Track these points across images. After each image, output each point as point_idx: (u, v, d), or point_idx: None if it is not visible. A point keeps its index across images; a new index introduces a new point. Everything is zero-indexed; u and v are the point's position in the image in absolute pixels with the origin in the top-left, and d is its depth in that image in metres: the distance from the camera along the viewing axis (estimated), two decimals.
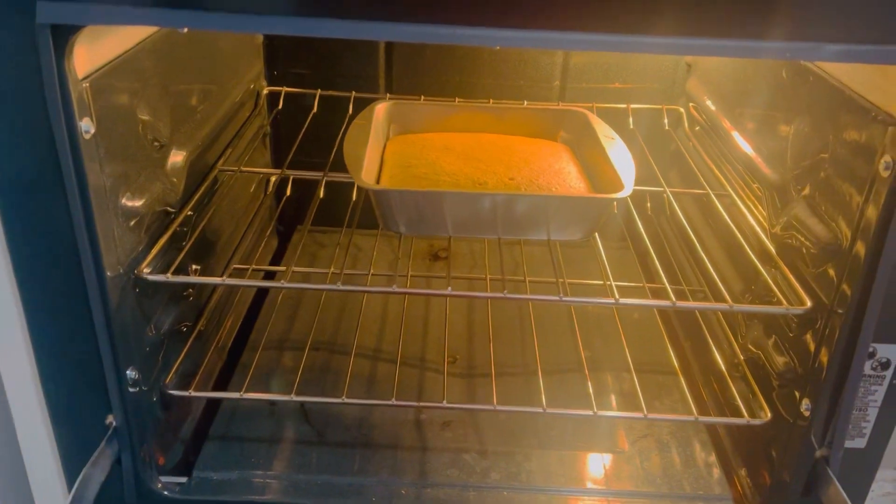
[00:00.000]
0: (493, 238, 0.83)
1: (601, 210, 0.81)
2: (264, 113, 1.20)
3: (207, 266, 0.95)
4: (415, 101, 1.04)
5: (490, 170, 0.86)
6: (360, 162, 0.81)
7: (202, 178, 0.92)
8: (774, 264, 0.80)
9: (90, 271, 0.66)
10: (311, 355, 1.00)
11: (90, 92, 0.62)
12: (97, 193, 0.64)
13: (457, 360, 1.04)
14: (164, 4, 0.56)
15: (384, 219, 0.81)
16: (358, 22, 0.56)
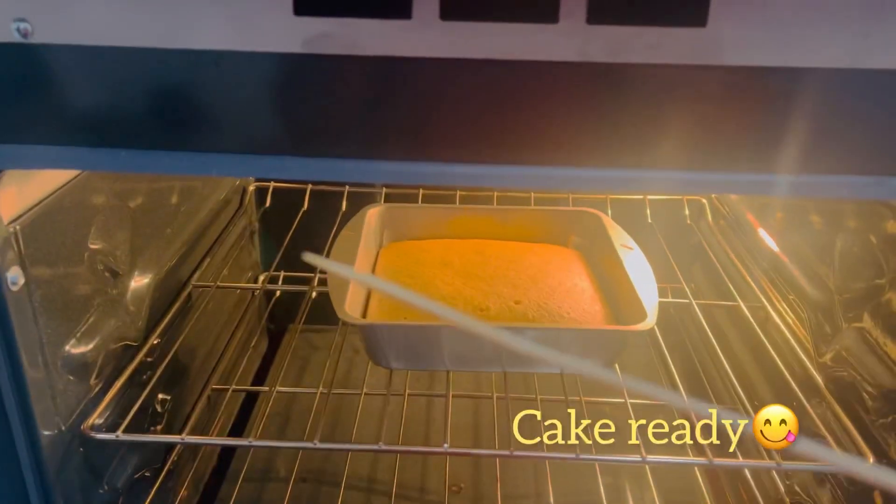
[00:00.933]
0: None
1: (620, 343, 0.71)
2: (252, 210, 1.11)
3: (182, 392, 0.85)
4: (410, 206, 0.95)
5: (493, 291, 0.76)
6: (345, 288, 0.72)
7: (173, 298, 0.83)
8: (824, 400, 0.69)
9: (21, 439, 0.56)
10: (297, 489, 0.90)
11: (20, 236, 0.53)
12: (29, 351, 0.55)
13: (461, 488, 0.92)
14: (104, 144, 0.48)
15: (372, 353, 0.71)
16: (332, 161, 0.48)
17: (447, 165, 0.48)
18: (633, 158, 0.47)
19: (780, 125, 0.45)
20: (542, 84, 0.45)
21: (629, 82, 0.45)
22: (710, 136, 0.46)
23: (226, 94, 0.46)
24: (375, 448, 0.63)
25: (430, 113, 0.46)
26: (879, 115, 0.44)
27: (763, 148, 0.46)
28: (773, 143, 0.46)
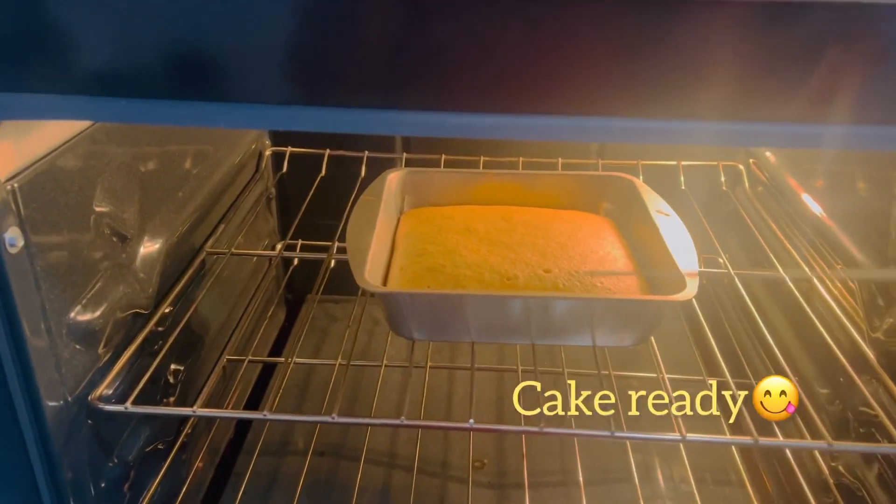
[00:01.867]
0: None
1: (657, 314, 0.66)
2: (268, 176, 1.07)
3: (197, 363, 0.82)
4: (432, 170, 0.90)
5: (521, 259, 0.71)
6: (364, 255, 0.68)
7: (186, 265, 0.79)
8: (876, 376, 0.64)
9: (23, 410, 0.53)
10: (315, 462, 0.87)
11: (18, 195, 0.50)
12: (30, 316, 0.52)
13: (485, 464, 0.89)
14: (103, 93, 0.44)
15: (393, 323, 0.67)
16: (352, 111, 0.43)
17: (475, 116, 0.44)
18: (675, 108, 0.42)
19: (836, 69, 0.40)
20: (582, 24, 0.40)
21: (674, 19, 0.40)
22: (765, 82, 0.41)
23: (234, 37, 0.41)
24: (397, 423, 0.59)
25: (457, 57, 0.42)
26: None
27: (819, 96, 0.41)
28: (829, 91, 0.41)
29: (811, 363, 0.78)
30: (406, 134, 0.88)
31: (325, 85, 0.43)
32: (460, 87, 0.43)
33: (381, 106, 0.43)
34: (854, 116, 0.41)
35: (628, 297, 0.66)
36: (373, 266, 0.69)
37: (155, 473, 0.71)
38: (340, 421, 0.60)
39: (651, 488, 0.84)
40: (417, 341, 0.70)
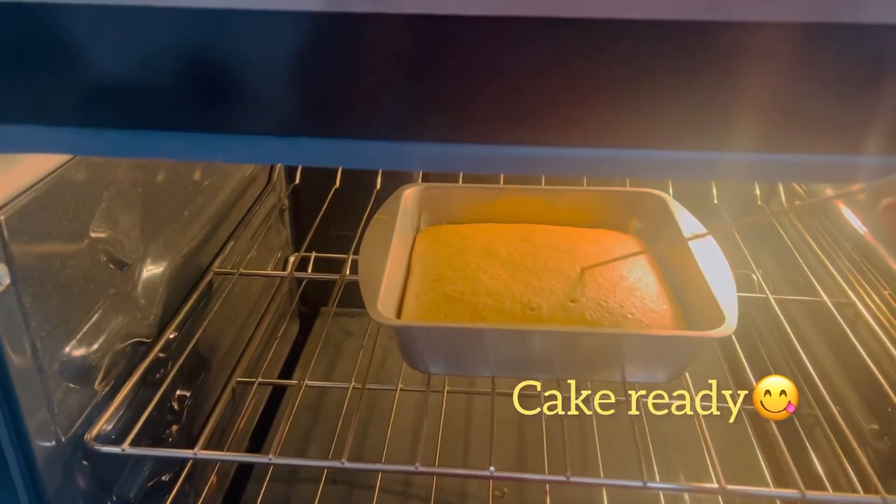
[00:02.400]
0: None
1: (694, 351, 0.61)
2: (281, 187, 1.03)
3: (202, 387, 0.78)
4: (450, 186, 0.84)
5: (545, 287, 0.66)
6: (377, 284, 0.64)
7: (192, 287, 0.76)
8: None
9: (12, 454, 0.50)
10: (327, 490, 0.83)
11: (4, 229, 0.46)
12: (18, 358, 0.48)
13: (504, 493, 0.85)
14: (91, 123, 0.40)
15: (407, 357, 0.63)
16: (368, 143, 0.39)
17: (498, 147, 0.39)
18: (708, 139, 0.38)
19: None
20: (622, 49, 0.36)
21: (728, 45, 0.36)
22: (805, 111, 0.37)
23: (233, 63, 0.37)
24: (411, 470, 0.55)
25: (479, 85, 0.37)
26: None
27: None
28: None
29: (855, 395, 0.73)
30: (421, 169, 0.83)
31: (332, 115, 0.39)
32: (482, 117, 0.38)
33: (394, 138, 0.39)
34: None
35: (662, 333, 0.61)
36: (386, 293, 0.65)
37: None
38: (350, 466, 0.56)
39: None
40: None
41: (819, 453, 0.77)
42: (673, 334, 0.61)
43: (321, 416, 0.96)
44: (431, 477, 0.83)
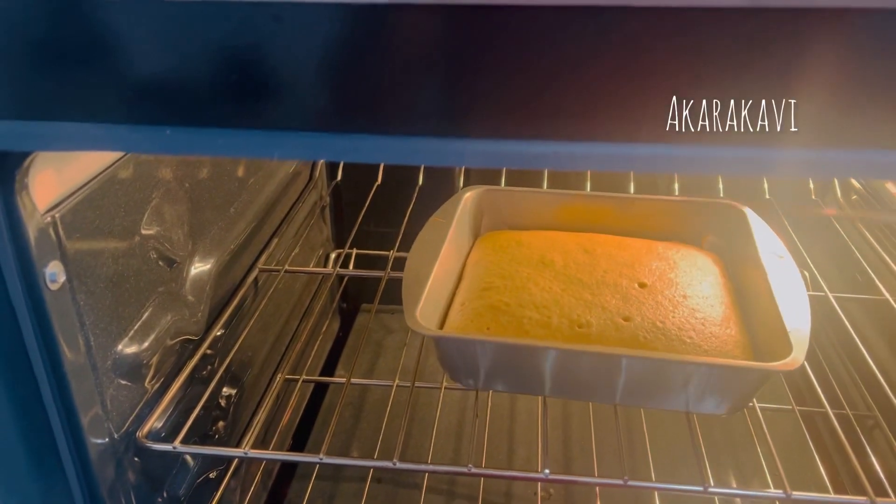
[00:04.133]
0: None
1: (754, 383, 0.57)
2: (322, 184, 1.03)
3: (248, 384, 0.78)
4: (514, 189, 0.81)
5: (598, 302, 0.63)
6: (420, 289, 0.62)
7: (238, 284, 0.76)
8: None
9: (67, 453, 0.50)
10: (373, 489, 0.83)
11: (60, 226, 0.46)
12: (73, 355, 0.48)
13: (551, 494, 0.84)
14: (147, 121, 0.39)
15: (447, 368, 0.62)
16: (410, 139, 0.38)
17: (550, 144, 0.38)
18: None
19: None
20: (682, 38, 0.34)
21: (800, 31, 0.34)
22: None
23: (287, 58, 0.37)
24: (463, 471, 0.54)
25: (530, 79, 0.36)
26: None
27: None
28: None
29: None
30: (471, 166, 0.82)
31: (384, 110, 0.38)
32: (534, 113, 0.37)
33: (443, 134, 0.38)
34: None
35: (718, 363, 0.57)
36: (432, 298, 0.63)
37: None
38: (402, 467, 0.55)
39: None
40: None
41: (879, 457, 0.74)
42: (730, 364, 0.56)
43: (364, 413, 0.95)
44: (478, 476, 0.82)
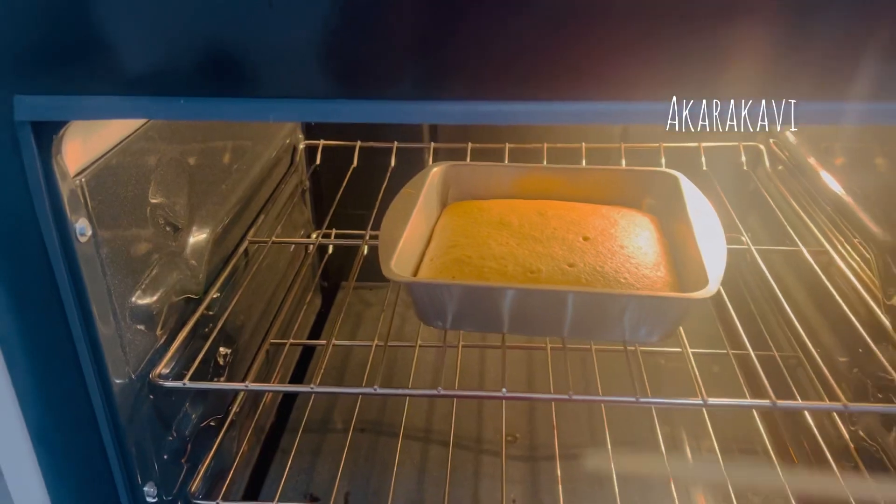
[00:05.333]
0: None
1: (676, 312, 0.67)
2: (302, 168, 1.12)
3: (241, 347, 0.87)
4: (477, 164, 0.91)
5: (547, 253, 0.73)
6: (394, 247, 0.71)
7: (231, 253, 0.84)
8: (892, 343, 0.67)
9: (94, 385, 0.58)
10: (356, 438, 0.92)
11: (86, 189, 0.55)
12: (99, 301, 0.57)
13: (517, 438, 0.93)
14: (164, 92, 0.48)
15: (419, 313, 0.71)
16: (391, 103, 0.47)
17: (509, 104, 0.47)
18: (707, 88, 0.45)
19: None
20: (611, 11, 0.43)
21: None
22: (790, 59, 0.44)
23: (280, 36, 0.46)
24: (434, 393, 0.63)
25: (491, 46, 0.45)
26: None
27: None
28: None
29: (831, 333, 0.80)
30: (439, 122, 0.91)
31: (363, 78, 0.47)
32: (494, 76, 0.46)
33: (416, 97, 0.47)
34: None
35: (634, 293, 0.67)
36: (404, 257, 0.72)
37: (208, 448, 0.76)
38: (382, 392, 0.64)
39: (678, 458, 0.87)
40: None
41: (801, 391, 0.85)
42: (644, 294, 0.67)
43: (347, 372, 1.04)
44: (450, 423, 0.91)
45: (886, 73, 0.43)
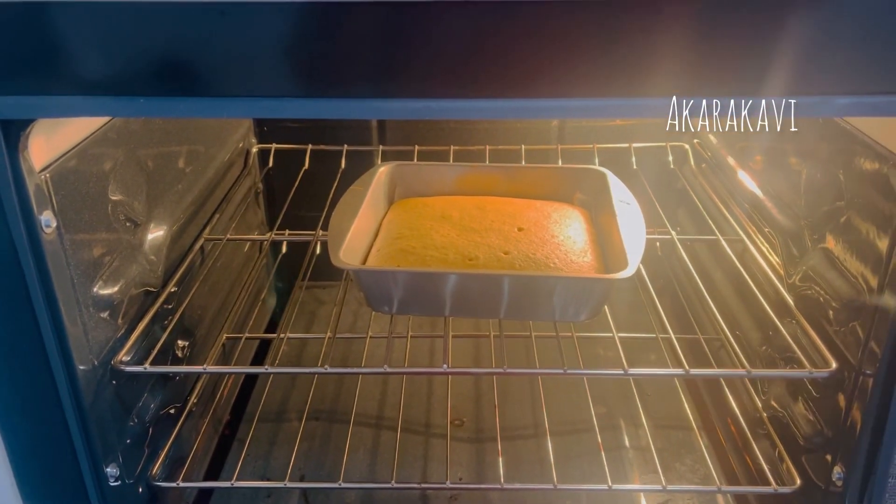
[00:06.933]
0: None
1: (601, 292, 0.73)
2: (255, 171, 1.16)
3: (198, 340, 0.91)
4: (421, 164, 0.97)
5: (485, 242, 0.79)
6: (342, 238, 0.76)
7: (187, 249, 0.88)
8: (794, 318, 0.75)
9: (59, 370, 0.62)
10: (309, 426, 0.96)
11: (50, 183, 0.59)
12: (63, 290, 0.60)
13: (464, 422, 0.99)
14: (125, 92, 0.53)
15: (367, 299, 0.76)
16: (347, 101, 0.52)
17: (445, 101, 0.52)
18: (620, 88, 0.51)
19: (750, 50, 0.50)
20: (540, 21, 0.49)
21: (621, 13, 0.49)
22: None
23: (232, 44, 0.50)
24: (382, 371, 0.69)
25: (438, 52, 0.50)
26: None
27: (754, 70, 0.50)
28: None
29: (747, 314, 0.88)
30: (390, 117, 0.96)
31: (315, 80, 0.52)
32: (435, 78, 0.51)
33: (365, 96, 0.52)
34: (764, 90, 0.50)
35: (558, 275, 0.74)
36: (352, 248, 0.77)
37: (168, 435, 0.80)
38: (332, 371, 0.69)
39: (612, 435, 0.94)
40: (396, 317, 0.79)
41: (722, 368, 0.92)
42: (567, 275, 0.74)
43: (301, 364, 1.09)
44: (399, 410, 0.96)
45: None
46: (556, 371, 0.68)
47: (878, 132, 0.62)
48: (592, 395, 0.90)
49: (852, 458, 0.65)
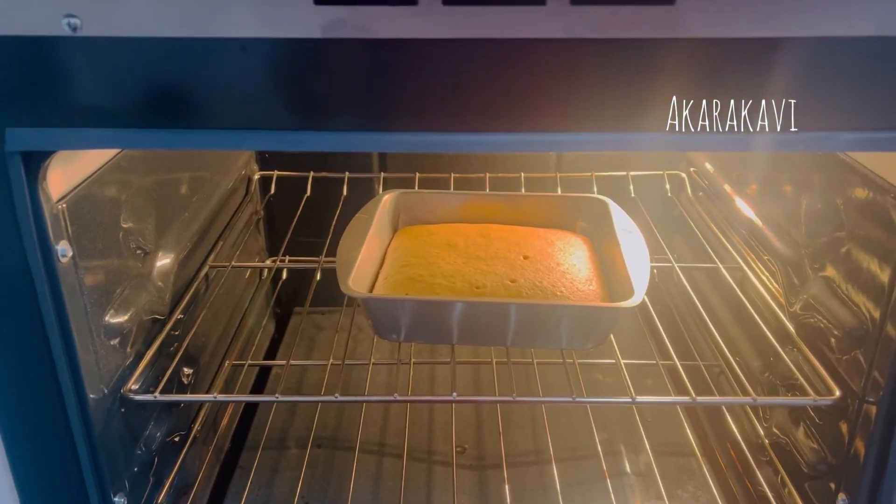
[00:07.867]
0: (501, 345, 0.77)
1: (608, 320, 0.74)
2: (257, 198, 1.17)
3: (202, 368, 0.91)
4: (426, 192, 0.99)
5: (491, 270, 0.81)
6: (350, 266, 0.77)
7: (192, 277, 0.89)
8: (796, 346, 0.76)
9: (71, 399, 0.62)
10: (313, 453, 0.96)
11: (66, 213, 0.59)
12: (77, 318, 0.61)
13: (466, 449, 0.99)
14: (139, 125, 0.53)
15: (375, 327, 0.77)
16: (347, 134, 0.53)
17: (446, 135, 0.54)
18: (612, 123, 0.53)
19: (754, 86, 0.51)
20: (532, 59, 0.51)
21: (609, 55, 0.51)
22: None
23: (251, 77, 0.52)
24: (390, 399, 0.69)
25: (433, 88, 0.52)
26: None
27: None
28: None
29: (747, 341, 0.89)
30: (393, 150, 0.98)
31: (325, 113, 0.53)
32: (435, 112, 0.53)
33: (370, 129, 0.53)
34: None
35: (567, 304, 0.75)
36: (360, 276, 0.78)
37: (173, 464, 0.80)
38: (342, 399, 0.69)
39: (614, 461, 0.94)
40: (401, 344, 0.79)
41: (723, 396, 0.93)
42: (575, 304, 0.75)
43: (303, 392, 1.09)
44: (403, 437, 0.96)
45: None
46: (564, 399, 0.69)
47: (876, 164, 0.64)
48: (595, 419, 0.91)
49: (856, 487, 0.66)
